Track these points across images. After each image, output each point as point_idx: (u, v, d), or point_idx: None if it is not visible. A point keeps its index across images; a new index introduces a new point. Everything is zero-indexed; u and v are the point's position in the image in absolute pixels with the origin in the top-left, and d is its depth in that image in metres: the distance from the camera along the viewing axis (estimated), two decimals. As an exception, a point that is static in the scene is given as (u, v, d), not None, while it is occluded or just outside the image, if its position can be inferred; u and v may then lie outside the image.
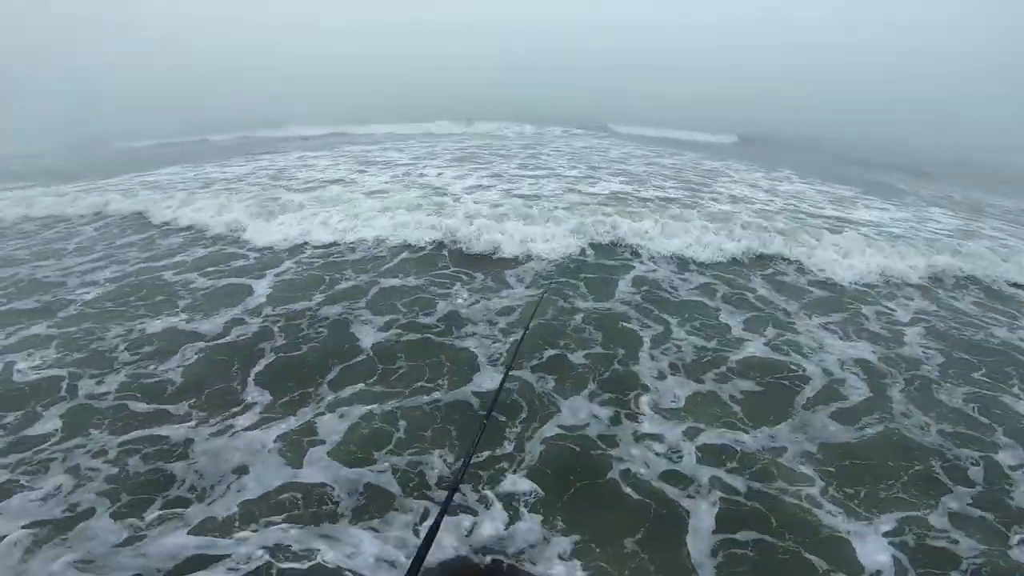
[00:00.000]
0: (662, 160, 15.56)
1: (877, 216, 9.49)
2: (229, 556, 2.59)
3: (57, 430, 3.47)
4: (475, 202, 8.36)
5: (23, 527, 2.71)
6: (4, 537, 2.63)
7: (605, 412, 3.77)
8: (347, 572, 2.55)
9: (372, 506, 2.93)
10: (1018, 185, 16.98)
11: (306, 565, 2.57)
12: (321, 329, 4.72)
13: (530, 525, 2.83)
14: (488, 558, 2.66)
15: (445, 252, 6.61)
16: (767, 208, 9.25)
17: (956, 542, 2.88)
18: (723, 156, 18.06)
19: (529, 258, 6.43)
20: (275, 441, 3.36)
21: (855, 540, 2.84)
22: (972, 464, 3.46)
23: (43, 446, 3.31)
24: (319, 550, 2.64)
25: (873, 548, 2.80)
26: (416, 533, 2.77)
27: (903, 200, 12.25)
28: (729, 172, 13.82)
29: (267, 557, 2.59)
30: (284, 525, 2.79)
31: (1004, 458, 3.53)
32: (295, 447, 3.33)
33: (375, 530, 2.79)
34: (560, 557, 2.66)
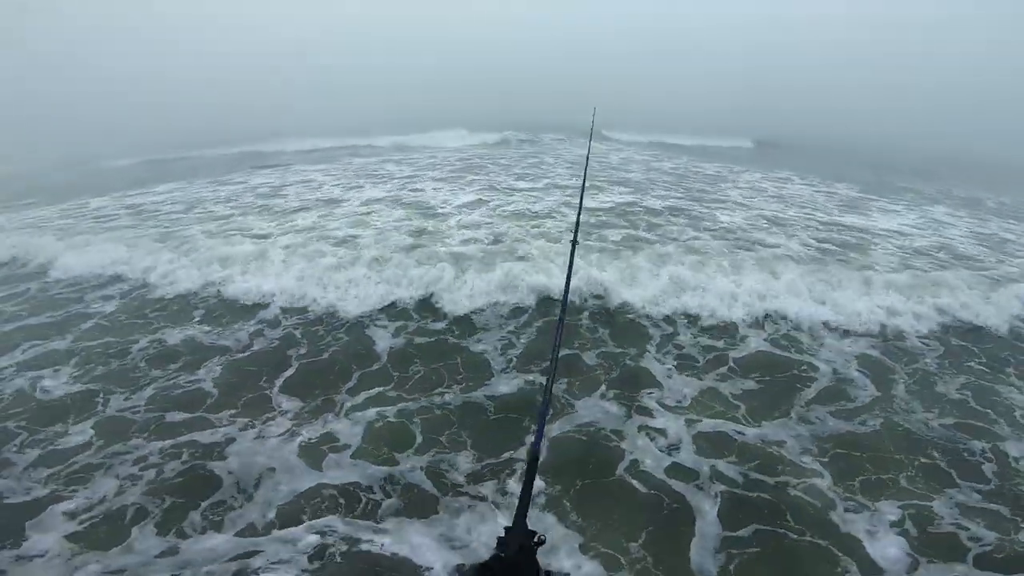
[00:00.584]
0: (662, 164, 15.91)
1: (895, 224, 9.39)
2: (275, 552, 2.81)
3: (91, 442, 3.66)
4: (464, 236, 7.45)
5: (65, 537, 2.89)
6: (46, 551, 2.80)
7: (616, 410, 3.99)
8: (399, 559, 2.78)
9: (408, 500, 3.17)
10: (1004, 176, 17.31)
11: (354, 555, 2.79)
12: (339, 335, 4.95)
13: (551, 521, 3.02)
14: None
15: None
16: (781, 216, 9.24)
17: (966, 529, 3.04)
18: (720, 159, 18.41)
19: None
20: (306, 444, 3.60)
21: (863, 528, 3.01)
22: (980, 454, 3.65)
23: (77, 458, 3.50)
24: (368, 540, 2.87)
25: (883, 539, 2.96)
26: (454, 525, 3.02)
27: (902, 197, 12.51)
28: (730, 176, 14.14)
29: (314, 551, 2.81)
30: (326, 521, 3.01)
31: (1009, 447, 3.72)
32: (325, 449, 3.56)
33: (416, 521, 3.01)
34: (576, 551, 2.84)
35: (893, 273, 6.33)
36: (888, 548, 2.91)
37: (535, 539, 0.98)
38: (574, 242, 2.54)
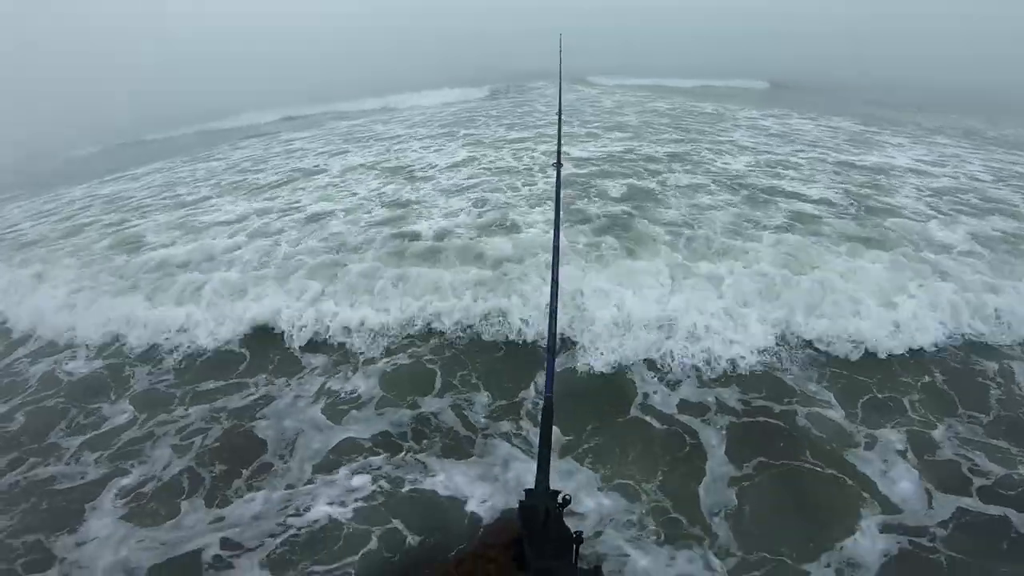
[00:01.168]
0: (656, 105, 15.59)
1: (909, 160, 8.87)
2: (327, 495, 3.09)
3: (134, 418, 3.89)
4: (448, 208, 6.84)
5: (121, 518, 3.09)
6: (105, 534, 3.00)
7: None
8: (442, 496, 3.06)
9: (438, 445, 3.43)
10: (998, 107, 16.87)
11: (401, 493, 3.07)
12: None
13: (568, 466, 3.23)
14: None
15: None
16: (792, 159, 8.77)
17: (970, 460, 3.18)
18: (715, 98, 18.00)
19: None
20: (335, 397, 3.86)
21: (872, 459, 3.17)
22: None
23: (122, 436, 3.73)
24: (411, 480, 3.16)
25: (891, 469, 3.10)
26: (487, 464, 3.27)
27: (904, 129, 12.17)
28: (728, 114, 13.89)
29: (362, 491, 3.09)
30: (368, 463, 3.29)
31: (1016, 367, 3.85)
32: (349, 406, 3.79)
33: (451, 462, 3.28)
34: (595, 491, 3.06)
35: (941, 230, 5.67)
36: (899, 480, 3.04)
37: (560, 500, 0.94)
38: (558, 164, 2.65)
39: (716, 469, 3.17)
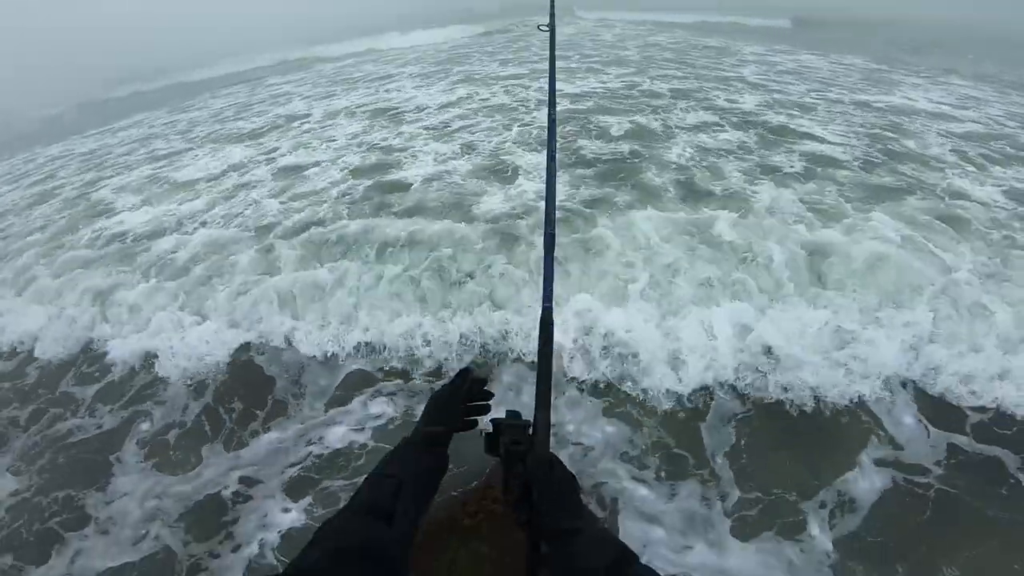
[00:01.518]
0: (658, 38, 14.91)
1: (929, 103, 8.19)
2: (344, 425, 3.21)
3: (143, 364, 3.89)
4: (436, 153, 6.52)
5: (153, 467, 3.14)
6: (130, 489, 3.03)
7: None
8: None
9: (457, 366, 3.45)
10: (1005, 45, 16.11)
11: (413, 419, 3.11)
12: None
13: (573, 395, 3.26)
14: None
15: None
16: (808, 101, 8.15)
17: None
18: (715, 33, 17.16)
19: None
20: (330, 341, 3.83)
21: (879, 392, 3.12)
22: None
23: (133, 382, 3.75)
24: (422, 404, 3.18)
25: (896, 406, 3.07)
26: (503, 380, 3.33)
27: (917, 68, 11.53)
28: (733, 48, 13.29)
29: (381, 420, 3.19)
30: (380, 389, 3.39)
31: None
32: (349, 339, 3.80)
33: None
34: (597, 422, 3.10)
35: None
36: (901, 416, 3.00)
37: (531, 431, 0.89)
38: (551, 27, 2.53)
39: (720, 402, 3.15)
